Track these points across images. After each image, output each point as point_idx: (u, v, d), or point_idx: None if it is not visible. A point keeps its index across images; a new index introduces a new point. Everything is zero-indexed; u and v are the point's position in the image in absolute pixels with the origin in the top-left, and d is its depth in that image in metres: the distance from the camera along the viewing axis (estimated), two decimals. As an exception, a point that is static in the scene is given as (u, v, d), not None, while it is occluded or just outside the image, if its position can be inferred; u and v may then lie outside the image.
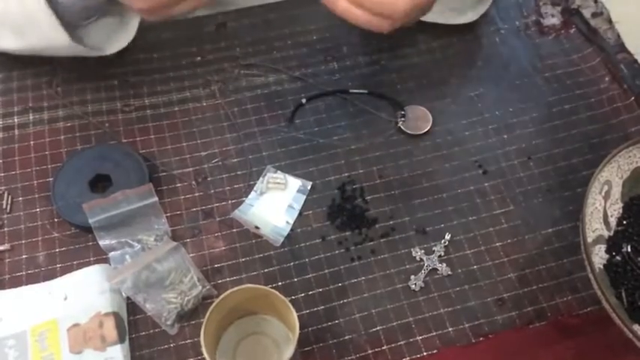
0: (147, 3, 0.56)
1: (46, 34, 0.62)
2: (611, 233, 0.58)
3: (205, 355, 0.49)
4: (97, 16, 0.66)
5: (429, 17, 0.75)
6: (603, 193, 0.57)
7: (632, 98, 0.71)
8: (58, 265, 0.60)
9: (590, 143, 0.68)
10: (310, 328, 0.57)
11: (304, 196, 0.64)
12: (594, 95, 0.72)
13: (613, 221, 0.58)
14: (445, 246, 0.62)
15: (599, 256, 0.56)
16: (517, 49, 0.75)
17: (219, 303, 0.51)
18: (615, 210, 0.59)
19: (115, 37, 0.68)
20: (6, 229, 0.62)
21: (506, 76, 0.73)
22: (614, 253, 0.57)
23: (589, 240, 0.54)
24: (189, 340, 0.56)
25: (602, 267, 0.56)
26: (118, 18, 0.68)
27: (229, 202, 0.64)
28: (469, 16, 0.75)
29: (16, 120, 0.69)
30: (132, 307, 0.57)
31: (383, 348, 0.56)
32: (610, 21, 0.78)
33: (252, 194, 0.64)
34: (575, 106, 0.71)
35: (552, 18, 0.78)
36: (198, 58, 0.74)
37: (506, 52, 0.75)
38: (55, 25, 0.61)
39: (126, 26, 0.68)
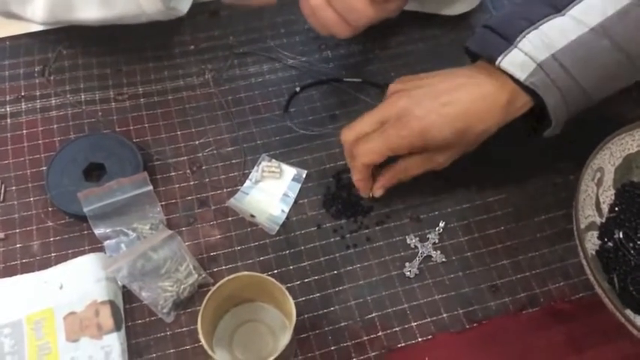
0: None
1: (139, 2, 0.61)
2: (604, 220, 0.58)
3: (203, 342, 0.49)
4: None
5: (422, 8, 0.75)
6: (596, 180, 0.58)
7: (624, 86, 0.71)
8: (52, 254, 0.60)
9: (583, 131, 0.69)
10: (306, 315, 0.57)
11: (299, 185, 0.65)
12: (587, 83, 0.72)
13: (605, 208, 0.59)
14: (439, 233, 0.62)
15: (591, 242, 0.57)
16: (510, 38, 0.76)
17: (216, 290, 0.51)
18: (607, 197, 0.59)
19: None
20: (0, 218, 0.62)
21: (499, 64, 0.74)
22: (606, 239, 0.57)
23: (582, 226, 0.55)
24: (185, 328, 0.56)
25: (594, 253, 0.57)
26: None
27: (224, 190, 0.64)
28: (463, 7, 0.75)
29: (8, 109, 0.68)
30: (128, 295, 0.57)
31: (378, 334, 0.57)
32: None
33: (247, 183, 0.65)
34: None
35: (545, 7, 0.79)
36: (192, 47, 0.74)
37: (500, 41, 0.75)
38: None
39: None
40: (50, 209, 0.62)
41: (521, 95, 0.56)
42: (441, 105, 0.56)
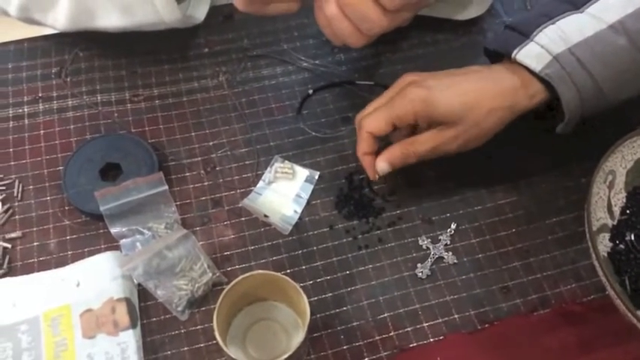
0: None
1: (158, 11, 0.63)
2: (615, 222, 0.59)
3: (218, 339, 0.50)
4: None
5: (433, 12, 0.76)
6: (607, 183, 0.58)
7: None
8: (69, 253, 0.60)
9: (594, 134, 0.69)
10: (319, 315, 0.58)
11: (312, 186, 0.65)
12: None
13: (617, 210, 0.59)
14: (451, 235, 0.62)
15: (603, 244, 0.57)
16: (521, 42, 0.76)
17: (232, 288, 0.52)
18: (619, 199, 0.59)
19: (199, 4, 0.71)
20: (17, 216, 0.63)
21: (510, 68, 0.74)
22: (617, 242, 0.58)
23: (593, 229, 0.55)
24: (199, 326, 0.57)
25: (606, 255, 0.57)
26: None
27: (238, 191, 0.65)
28: (473, 12, 0.76)
29: (26, 109, 0.70)
30: (143, 293, 0.58)
31: (390, 334, 0.57)
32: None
33: (261, 183, 0.65)
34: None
35: (556, 11, 0.79)
36: (206, 50, 0.75)
37: (511, 45, 0.76)
38: (170, 2, 0.62)
39: None
40: (67, 208, 0.63)
41: (535, 83, 0.56)
42: (452, 80, 0.56)
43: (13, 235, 0.61)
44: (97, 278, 0.57)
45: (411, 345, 0.57)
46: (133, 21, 0.65)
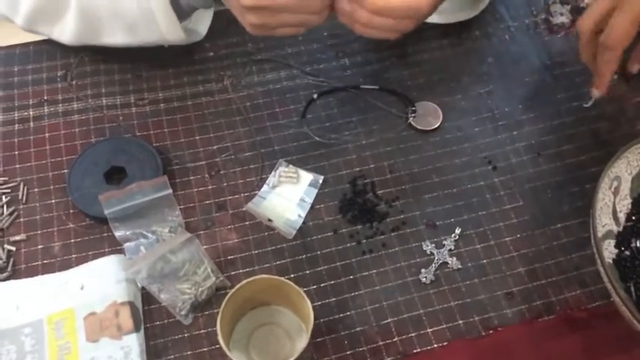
0: (260, 19, 0.56)
1: (162, 32, 0.65)
2: (620, 228, 0.59)
3: (222, 344, 0.50)
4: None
5: (440, 19, 0.76)
6: (613, 189, 0.58)
7: (641, 96, 0.72)
8: (73, 256, 0.61)
9: (599, 140, 0.69)
10: (322, 320, 0.58)
11: (316, 190, 0.65)
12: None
13: (622, 217, 0.59)
14: (455, 240, 0.62)
15: (608, 250, 0.57)
16: (527, 47, 0.76)
17: (235, 292, 0.52)
18: (624, 206, 0.59)
19: (201, 20, 0.73)
20: (22, 219, 0.63)
21: (515, 73, 0.74)
22: (622, 248, 0.58)
23: (599, 235, 0.55)
24: (203, 330, 0.57)
25: (611, 261, 0.57)
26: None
27: (242, 195, 0.65)
28: (467, 13, 0.76)
29: (31, 112, 0.70)
30: (146, 297, 0.58)
31: (394, 340, 0.57)
32: (619, 20, 0.78)
33: (265, 187, 0.65)
34: (584, 104, 0.71)
35: (561, 16, 0.79)
36: (211, 54, 0.75)
37: (516, 50, 0.76)
38: (173, 23, 0.64)
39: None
40: (71, 211, 0.63)
41: None
42: None
43: (17, 237, 0.61)
44: (100, 281, 0.57)
45: (415, 351, 0.56)
46: (137, 40, 0.66)
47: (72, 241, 0.61)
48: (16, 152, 0.67)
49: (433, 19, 0.76)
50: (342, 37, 0.76)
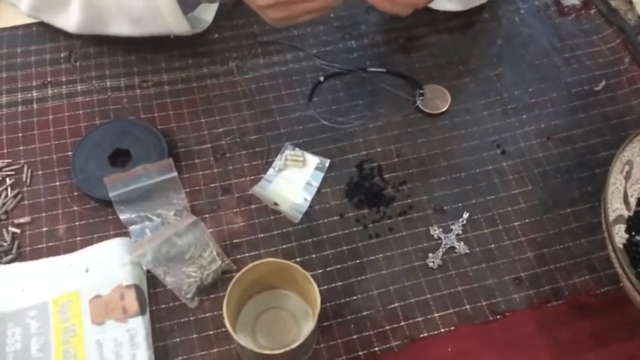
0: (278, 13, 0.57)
1: (167, 24, 0.65)
2: (631, 213, 0.58)
3: (228, 327, 0.49)
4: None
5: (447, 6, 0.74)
6: (624, 173, 0.57)
7: (653, 80, 0.70)
8: (78, 238, 0.60)
9: (609, 124, 0.68)
10: (329, 304, 0.57)
11: (322, 174, 0.64)
12: (614, 76, 0.71)
13: (633, 201, 0.58)
14: (463, 225, 0.62)
15: (618, 235, 0.56)
16: (537, 30, 0.75)
17: (242, 276, 0.51)
18: (635, 190, 0.58)
19: (207, 8, 0.72)
20: (26, 201, 0.62)
21: (525, 56, 0.73)
22: (633, 233, 0.57)
23: (610, 219, 0.54)
24: (208, 314, 0.57)
25: (621, 246, 0.56)
26: None
27: (247, 178, 0.64)
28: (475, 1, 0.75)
29: (34, 94, 0.69)
30: (152, 280, 0.58)
31: (401, 324, 0.57)
32: (630, 2, 0.77)
33: (271, 171, 0.65)
34: (595, 87, 0.70)
35: (572, -2, 0.78)
36: (216, 35, 0.74)
37: (526, 32, 0.75)
38: (178, 16, 0.64)
39: None
40: (76, 194, 0.63)
41: None
42: None
43: (22, 220, 0.61)
44: (105, 264, 0.57)
45: (422, 335, 0.56)
46: (143, 31, 0.66)
47: (76, 223, 0.61)
48: (20, 134, 0.66)
49: (452, 6, 0.74)
50: (349, 19, 0.75)
